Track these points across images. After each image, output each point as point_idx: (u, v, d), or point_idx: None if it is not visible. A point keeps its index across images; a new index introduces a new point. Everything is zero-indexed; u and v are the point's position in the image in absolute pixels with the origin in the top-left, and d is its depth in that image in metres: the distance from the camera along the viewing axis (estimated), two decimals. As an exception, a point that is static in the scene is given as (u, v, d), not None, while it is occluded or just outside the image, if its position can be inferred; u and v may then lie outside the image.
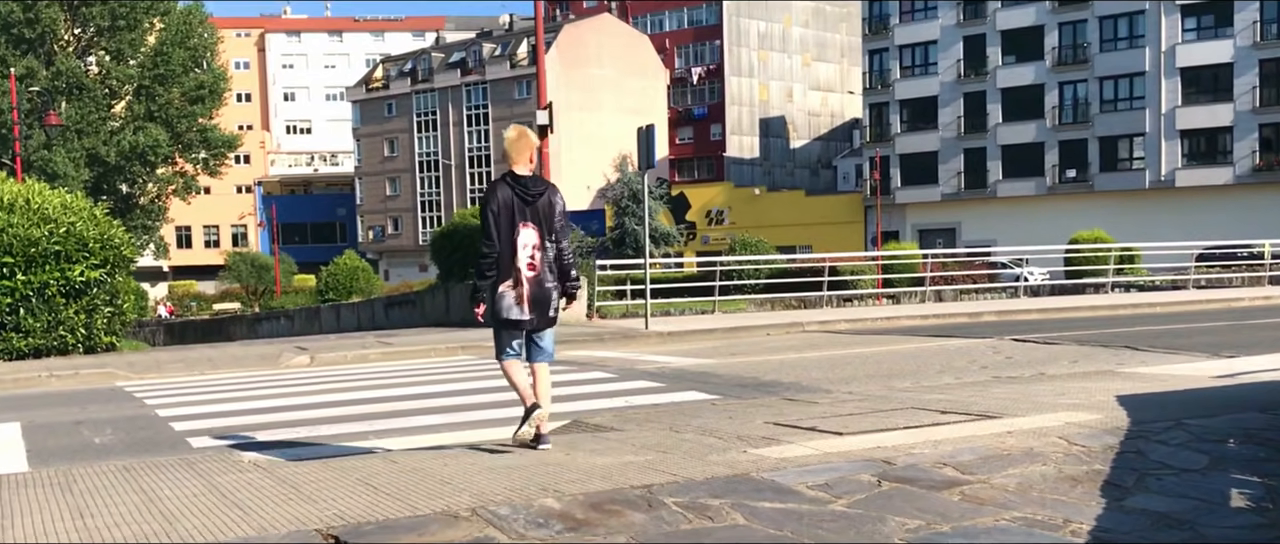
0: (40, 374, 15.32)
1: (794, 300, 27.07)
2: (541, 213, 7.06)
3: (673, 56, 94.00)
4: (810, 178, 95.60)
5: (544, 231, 7.06)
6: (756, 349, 16.55)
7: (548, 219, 7.08)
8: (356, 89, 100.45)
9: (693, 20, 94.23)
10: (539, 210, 7.05)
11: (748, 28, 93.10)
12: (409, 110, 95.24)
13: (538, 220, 7.05)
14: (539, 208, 7.05)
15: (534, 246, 7.03)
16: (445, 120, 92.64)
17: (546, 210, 7.07)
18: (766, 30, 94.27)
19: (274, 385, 13.56)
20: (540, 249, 7.06)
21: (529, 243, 7.02)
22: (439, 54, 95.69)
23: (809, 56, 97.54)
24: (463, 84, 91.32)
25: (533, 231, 7.03)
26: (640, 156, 20.27)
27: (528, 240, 7.02)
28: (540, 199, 7.05)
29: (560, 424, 8.96)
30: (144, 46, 59.88)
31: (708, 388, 11.44)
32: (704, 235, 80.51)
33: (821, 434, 7.56)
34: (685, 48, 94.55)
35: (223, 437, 9.33)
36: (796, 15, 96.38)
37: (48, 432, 10.15)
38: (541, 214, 7.06)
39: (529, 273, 7.03)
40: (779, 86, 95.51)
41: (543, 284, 7.08)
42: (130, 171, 59.94)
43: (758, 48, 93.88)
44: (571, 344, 17.88)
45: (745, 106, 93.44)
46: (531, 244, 7.02)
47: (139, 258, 23.58)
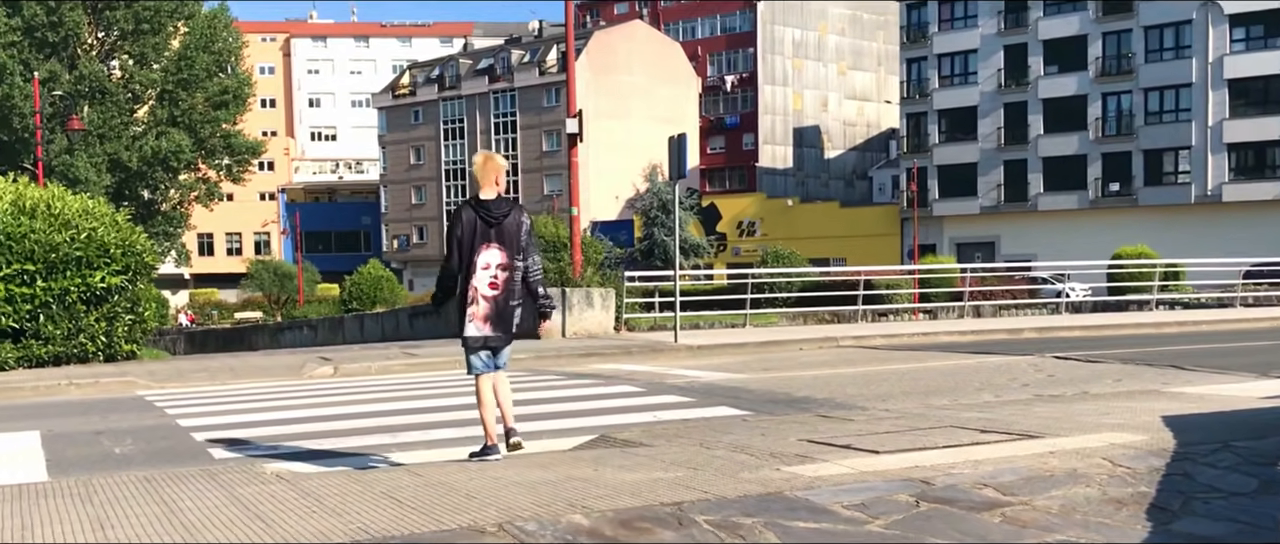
0: (60, 382, 15.44)
1: (828, 314, 26.98)
2: (507, 233, 7.45)
3: (705, 64, 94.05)
4: (845, 189, 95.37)
5: (511, 252, 7.45)
6: (789, 364, 16.48)
7: (514, 239, 7.46)
8: (382, 95, 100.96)
9: (726, 27, 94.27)
10: (505, 231, 7.45)
11: (782, 35, 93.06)
12: (436, 117, 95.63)
13: (503, 241, 7.45)
14: (505, 229, 7.45)
15: (498, 266, 7.46)
16: (472, 128, 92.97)
17: (513, 231, 7.45)
18: (801, 38, 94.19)
19: (297, 396, 13.61)
20: (506, 268, 7.48)
21: (492, 263, 7.44)
22: (467, 60, 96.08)
23: (845, 65, 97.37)
24: (490, 91, 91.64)
25: (498, 252, 7.45)
26: (671, 166, 20.26)
27: (491, 261, 7.44)
28: (505, 220, 7.45)
29: (587, 439, 8.96)
30: (168, 50, 60.40)
31: (739, 403, 11.41)
32: (735, 247, 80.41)
33: (857, 452, 7.51)
34: (718, 55, 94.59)
35: (245, 447, 9.37)
36: (832, 23, 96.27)
37: (67, 441, 10.22)
38: (507, 235, 7.46)
39: (490, 292, 7.46)
40: (814, 95, 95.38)
41: (507, 303, 7.52)
42: (152, 177, 60.40)
43: (792, 56, 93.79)
44: (598, 357, 17.88)
45: (779, 116, 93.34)
46: (495, 264, 7.45)
47: (160, 265, 23.75)
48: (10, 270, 17.46)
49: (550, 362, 17.47)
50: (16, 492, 7.26)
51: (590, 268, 23.98)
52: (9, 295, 17.49)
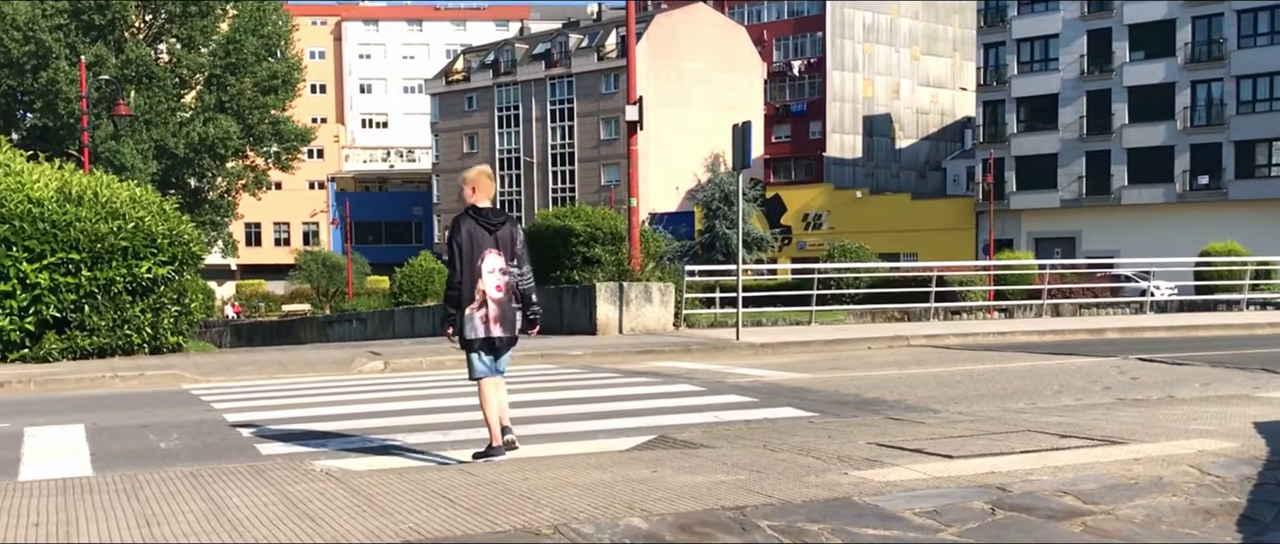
0: (105, 374, 15.69)
1: (897, 312, 26.82)
2: (504, 241, 8.11)
3: (771, 49, 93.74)
4: (917, 180, 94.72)
5: (508, 257, 8.10)
6: (857, 364, 16.41)
7: (510, 246, 8.13)
8: (436, 81, 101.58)
9: (793, 11, 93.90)
10: (501, 239, 8.10)
11: (852, 19, 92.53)
12: (490, 104, 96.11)
13: (501, 247, 8.10)
14: (501, 236, 8.11)
15: (500, 271, 8.08)
16: (528, 115, 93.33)
17: (508, 239, 8.12)
18: (873, 22, 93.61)
19: (346, 391, 13.75)
20: (506, 273, 8.11)
21: (495, 267, 8.07)
22: (523, 45, 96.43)
23: (918, 50, 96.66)
24: (547, 77, 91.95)
25: (498, 256, 8.07)
26: (735, 155, 20.22)
27: (494, 265, 8.06)
28: (501, 229, 8.11)
29: (645, 439, 8.97)
30: (216, 34, 61.18)
31: (804, 404, 11.38)
32: (800, 241, 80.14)
33: (929, 457, 7.47)
34: (784, 40, 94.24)
35: (293, 443, 9.48)
36: (905, 6, 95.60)
37: (112, 435, 10.40)
38: (504, 242, 8.11)
39: (496, 294, 8.07)
40: (885, 82, 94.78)
41: (510, 304, 8.15)
42: (199, 165, 61.26)
43: (863, 40, 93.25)
44: (656, 355, 17.89)
45: (848, 103, 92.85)
46: (498, 268, 8.08)
47: (207, 255, 24.07)
48: (55, 259, 17.78)
49: (607, 358, 17.51)
50: (61, 486, 7.39)
51: (649, 261, 23.99)
52: (53, 285, 17.81)
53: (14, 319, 17.72)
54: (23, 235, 17.66)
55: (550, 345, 19.02)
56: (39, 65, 55.83)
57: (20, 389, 14.98)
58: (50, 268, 17.78)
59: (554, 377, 15.14)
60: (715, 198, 59.11)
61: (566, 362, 17.34)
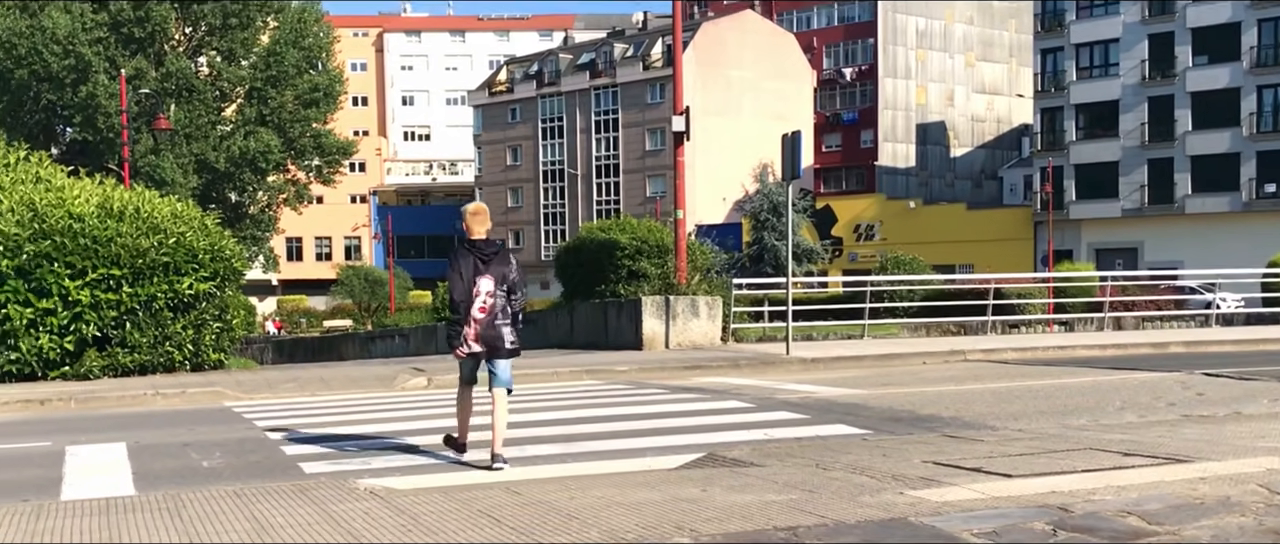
0: (146, 392, 15.86)
1: (953, 325, 26.66)
2: (494, 269, 9.18)
3: (821, 56, 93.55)
4: (972, 190, 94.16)
5: (498, 282, 9.16)
6: (911, 379, 16.33)
7: (501, 274, 9.18)
8: (479, 93, 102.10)
9: (844, 17, 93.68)
10: (492, 268, 9.18)
11: (905, 25, 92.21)
12: (534, 115, 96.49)
13: (494, 276, 9.17)
14: (493, 266, 9.19)
15: (488, 294, 9.15)
16: (572, 126, 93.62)
17: (499, 267, 9.19)
18: (926, 27, 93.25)
19: (390, 408, 13.83)
20: (494, 296, 9.16)
21: (484, 291, 9.14)
22: (567, 55, 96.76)
23: (973, 56, 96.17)
24: (591, 87, 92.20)
25: (489, 281, 9.15)
26: (784, 165, 20.19)
27: (483, 289, 9.13)
28: (494, 259, 9.23)
29: (693, 457, 8.97)
30: (256, 46, 61.74)
31: (857, 421, 11.34)
32: (851, 252, 79.85)
33: (988, 475, 7.43)
34: (835, 47, 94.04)
35: (336, 462, 9.55)
36: (959, 11, 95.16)
37: (154, 453, 10.51)
38: (494, 271, 9.17)
39: (480, 315, 9.13)
40: (939, 89, 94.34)
41: (493, 324, 9.14)
42: (240, 179, 61.81)
43: (916, 47, 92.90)
44: (704, 370, 17.88)
45: (900, 111, 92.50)
46: (486, 292, 9.15)
47: (248, 270, 24.31)
48: (96, 275, 17.98)
49: (653, 374, 17.51)
50: (103, 505, 7.49)
51: (696, 274, 23.98)
52: (95, 301, 18.02)
53: (55, 337, 17.93)
54: (64, 251, 17.87)
55: (595, 361, 19.04)
56: (78, 79, 56.54)
57: (61, 407, 15.17)
58: (91, 284, 17.98)
59: (599, 393, 15.16)
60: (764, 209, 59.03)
61: (612, 377, 17.35)
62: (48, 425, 13.20)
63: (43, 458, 10.44)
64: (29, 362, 17.93)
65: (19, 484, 9.06)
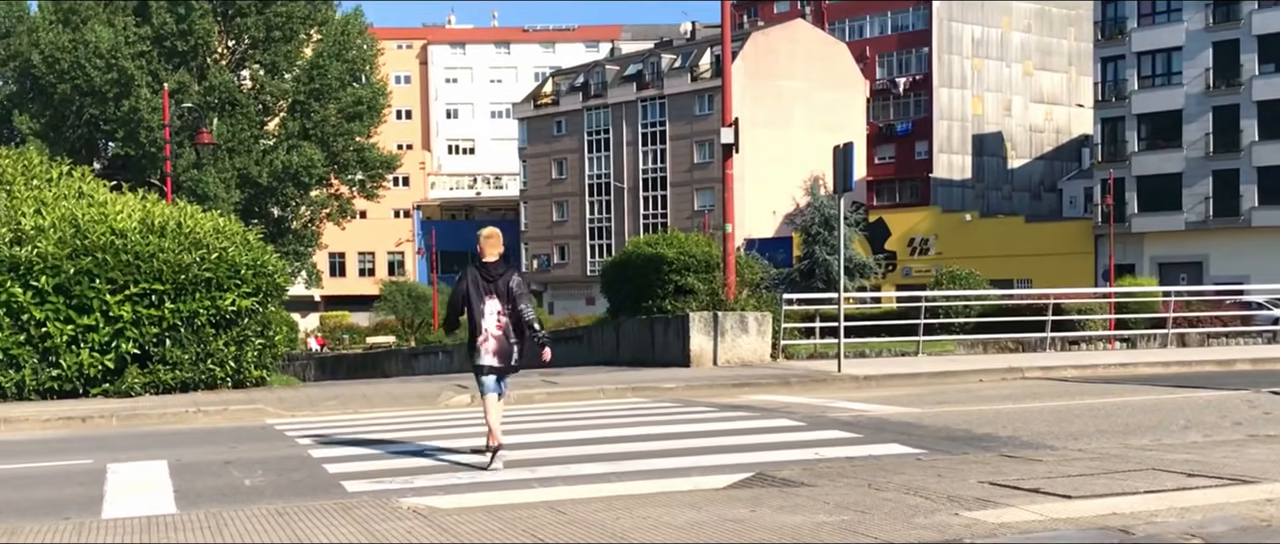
0: (187, 409, 16.02)
1: (1010, 342, 26.46)
2: (500, 290, 10.45)
3: (874, 66, 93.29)
4: (1030, 202, 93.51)
5: (504, 302, 10.42)
6: (967, 397, 16.23)
7: (505, 293, 10.43)
8: (524, 105, 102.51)
9: (897, 25, 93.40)
10: (498, 288, 10.44)
11: (960, 33, 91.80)
12: (579, 128, 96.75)
13: (499, 294, 10.43)
14: (498, 286, 10.45)
15: (498, 313, 10.45)
16: (618, 139, 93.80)
17: (505, 288, 10.45)
18: (982, 36, 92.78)
19: (433, 426, 13.90)
20: (503, 314, 10.46)
21: (494, 310, 10.44)
22: (613, 67, 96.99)
23: (1031, 65, 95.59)
24: (638, 99, 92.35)
25: (498, 302, 10.43)
26: (836, 178, 20.13)
27: (492, 309, 10.44)
28: (500, 280, 10.48)
29: (741, 477, 8.96)
30: (300, 59, 62.24)
31: (911, 440, 11.29)
32: (905, 267, 79.47)
33: (1046, 497, 7.37)
34: (888, 56, 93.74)
35: (380, 480, 9.61)
36: (1016, 19, 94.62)
37: (196, 471, 10.62)
38: (500, 291, 10.45)
39: (496, 332, 10.43)
40: (995, 99, 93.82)
41: (506, 340, 10.47)
42: (283, 193, 62.31)
43: (971, 55, 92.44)
44: (753, 387, 17.85)
45: (956, 121, 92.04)
46: (496, 311, 10.44)
47: (291, 286, 24.49)
48: (138, 291, 18.18)
49: (701, 392, 17.50)
50: (145, 524, 7.57)
51: (745, 290, 23.93)
52: (136, 317, 18.22)
53: (96, 353, 18.14)
54: (106, 267, 18.08)
55: (641, 378, 19.05)
56: (121, 93, 57.23)
57: (102, 424, 15.35)
58: (133, 300, 18.18)
59: (645, 410, 15.16)
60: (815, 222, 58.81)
61: (659, 395, 17.36)
62: (89, 443, 13.36)
63: (84, 475, 10.57)
64: (70, 378, 18.17)
65: (60, 502, 9.17)
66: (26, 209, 18.94)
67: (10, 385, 17.97)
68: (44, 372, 18.07)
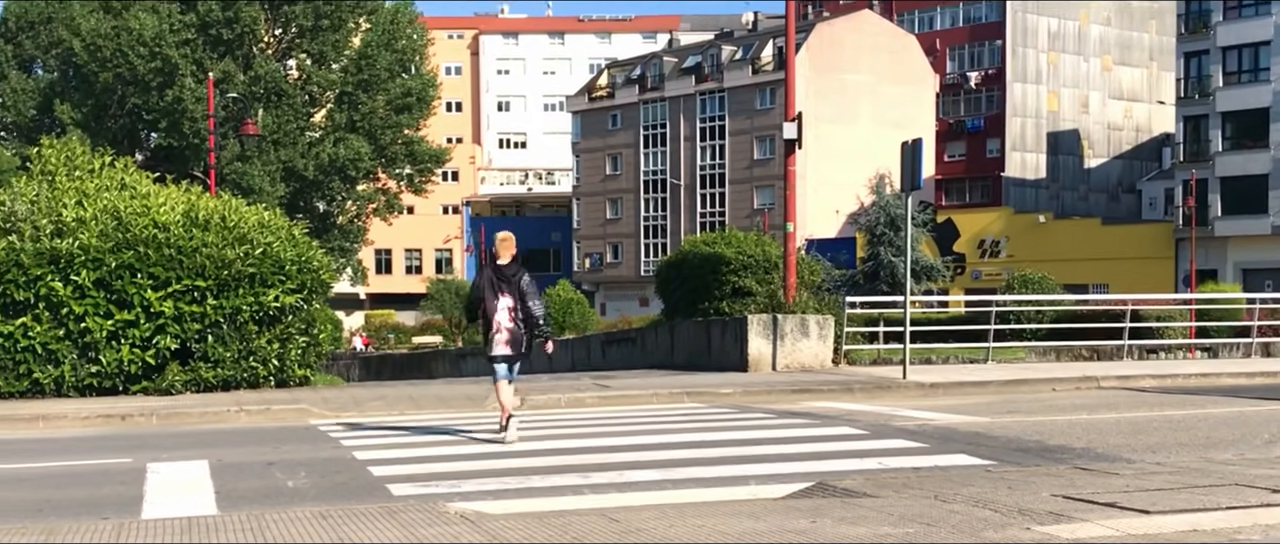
0: (229, 408, 16.20)
1: (1085, 350, 26.23)
2: (512, 287, 12.76)
3: (944, 59, 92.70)
4: (1108, 204, 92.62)
5: (516, 298, 12.74)
6: (1039, 407, 16.12)
7: (516, 290, 12.75)
8: (578, 98, 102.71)
9: (969, 17, 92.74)
10: (510, 286, 12.77)
11: (1036, 25, 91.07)
12: (635, 122, 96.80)
13: (511, 292, 12.76)
14: (510, 285, 12.77)
15: (509, 309, 12.77)
16: (676, 134, 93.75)
17: (515, 286, 12.76)
18: (1058, 29, 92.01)
19: (481, 429, 13.96)
20: (514, 310, 12.77)
21: (506, 307, 12.76)
22: (671, 58, 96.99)
23: (1109, 59, 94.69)
24: (697, 92, 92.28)
25: (509, 299, 12.76)
26: (903, 176, 20.04)
27: (505, 305, 12.76)
28: (512, 278, 12.79)
29: (801, 486, 8.94)
30: (348, 49, 62.53)
31: (980, 451, 11.22)
32: (975, 270, 78.93)
33: (1123, 511, 7.30)
34: (959, 49, 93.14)
35: (426, 484, 9.67)
36: (1095, 11, 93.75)
37: (237, 472, 10.72)
38: (512, 288, 12.76)
39: (509, 325, 12.77)
40: (1072, 95, 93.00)
41: (517, 332, 12.83)
42: (329, 187, 62.69)
43: (1047, 49, 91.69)
44: (814, 393, 17.81)
45: (1030, 118, 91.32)
46: (508, 307, 12.76)
47: (336, 283, 24.70)
48: (180, 286, 18.38)
49: (759, 398, 17.47)
50: (185, 525, 7.66)
51: (805, 292, 23.85)
52: (178, 313, 18.41)
53: (136, 349, 18.35)
54: (147, 262, 18.29)
55: (697, 383, 19.05)
56: (165, 83, 57.74)
57: (142, 423, 15.54)
58: (175, 296, 18.38)
59: (701, 416, 15.16)
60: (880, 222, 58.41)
61: (715, 400, 17.35)
62: (128, 441, 13.53)
63: (123, 475, 10.70)
64: (110, 375, 18.40)
65: (99, 501, 9.29)
66: (68, 200, 19.20)
67: (49, 381, 18.25)
68: (83, 368, 18.32)
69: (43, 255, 18.11)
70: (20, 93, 65.31)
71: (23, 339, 18.07)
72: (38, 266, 18.04)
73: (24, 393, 18.19)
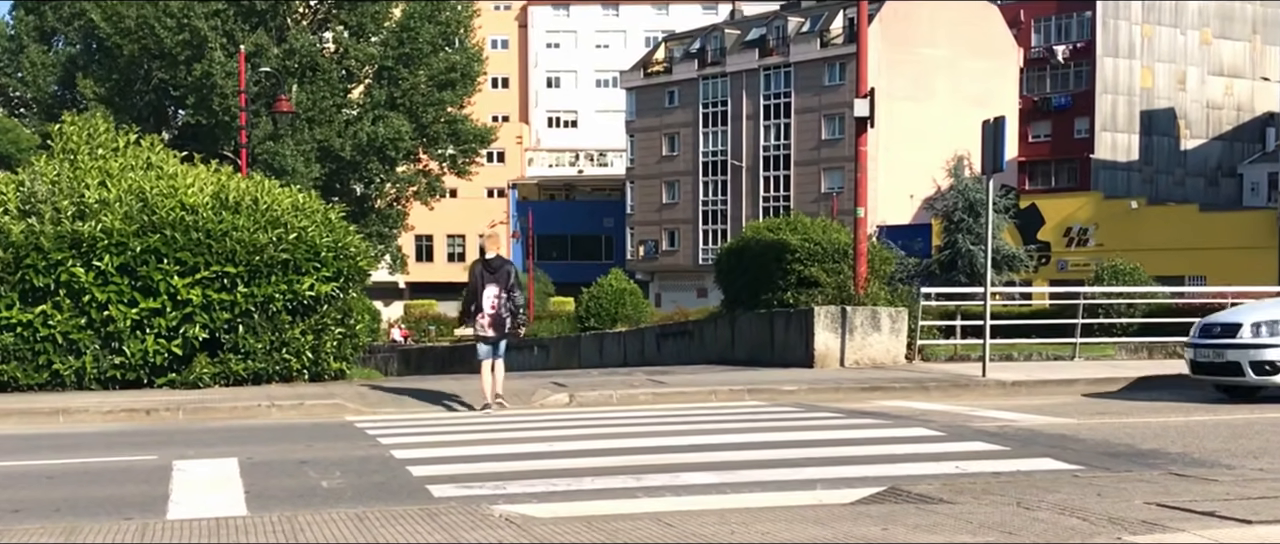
0: (261, 403, 16.33)
1: (1181, 347, 25.95)
2: (499, 278, 16.03)
3: (1028, 32, 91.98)
4: (1206, 189, 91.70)
5: (501, 287, 15.96)
6: (1130, 408, 16.00)
7: (504, 282, 16.01)
8: (633, 73, 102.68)
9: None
10: (498, 276, 16.03)
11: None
12: (694, 99, 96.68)
13: (498, 282, 16.00)
14: (498, 276, 16.03)
15: (494, 297, 15.97)
16: (737, 112, 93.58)
17: (502, 277, 16.04)
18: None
19: (527, 427, 14.01)
20: (499, 298, 15.97)
21: (491, 295, 15.97)
22: (733, 31, 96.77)
23: (1209, 32, 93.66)
24: (760, 67, 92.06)
25: (495, 287, 16.00)
26: (984, 158, 19.93)
27: (491, 293, 15.97)
28: (499, 271, 16.06)
29: (872, 491, 8.90)
30: (388, 20, 62.54)
31: (1066, 455, 11.14)
32: (1060, 260, 78.38)
33: (1222, 521, 7.23)
34: (1045, 21, 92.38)
35: (468, 485, 9.70)
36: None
37: (268, 470, 10.80)
38: (499, 279, 16.03)
39: (490, 311, 15.96)
40: (1167, 70, 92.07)
41: (500, 316, 16.00)
42: (366, 168, 62.82)
43: (1141, 21, 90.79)
44: (885, 392, 17.76)
45: (1121, 96, 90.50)
46: (495, 295, 15.98)
47: (374, 271, 24.81)
48: (209, 273, 18.46)
49: (826, 396, 17.43)
50: (214, 526, 7.73)
51: (877, 282, 23.76)
52: (206, 302, 18.49)
53: (162, 339, 18.47)
54: (174, 246, 18.37)
55: (760, 379, 19.02)
56: (193, 56, 57.90)
57: (168, 418, 15.70)
58: (203, 283, 18.45)
59: (764, 415, 15.14)
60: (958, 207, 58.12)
61: (778, 398, 17.32)
62: (154, 437, 13.66)
63: (148, 473, 10.81)
64: (134, 366, 18.52)
65: (122, 501, 9.39)
66: (90, 181, 19.27)
67: (69, 373, 18.38)
68: (106, 359, 18.46)
69: (64, 239, 18.23)
70: (40, 66, 65.81)
71: (42, 328, 18.20)
72: (58, 251, 18.16)
73: (43, 385, 18.34)
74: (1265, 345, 16.01)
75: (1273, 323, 16.15)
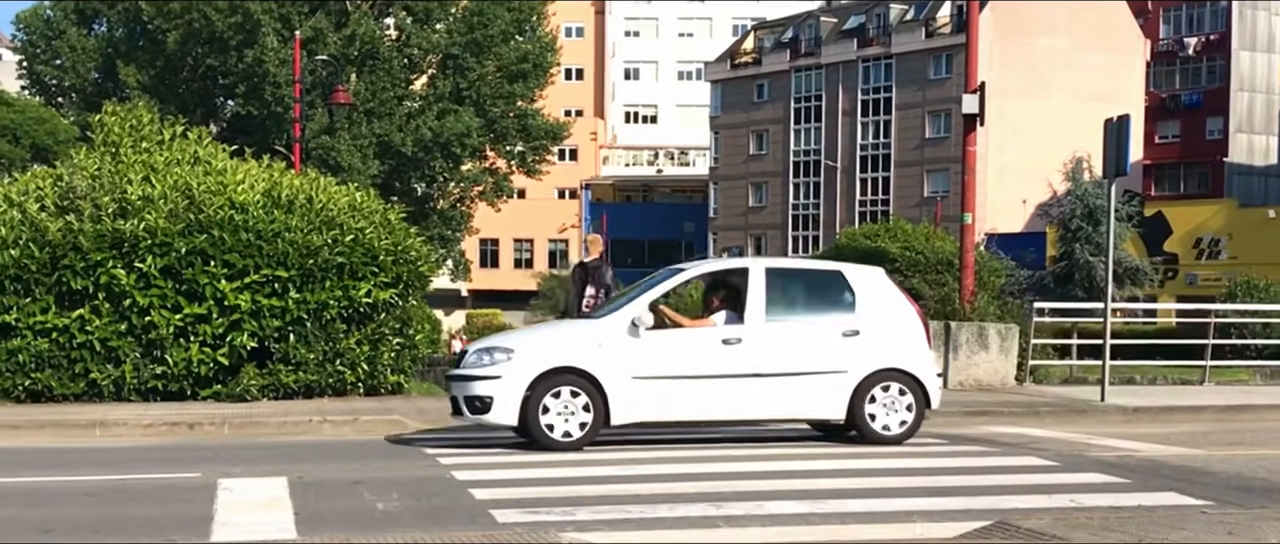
0: (312, 418, 16.45)
1: (1324, 372, 25.64)
2: (594, 279, 19.09)
3: (1156, 22, 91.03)
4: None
5: (598, 288, 18.84)
6: (1266, 438, 15.87)
7: (599, 282, 19.02)
8: (718, 65, 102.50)
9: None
10: (593, 278, 19.10)
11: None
12: (785, 93, 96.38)
13: (593, 283, 19.00)
14: (594, 277, 19.11)
15: (591, 296, 18.74)
16: (832, 107, 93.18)
17: (597, 279, 19.08)
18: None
19: (600, 448, 14.01)
20: (595, 298, 18.59)
21: (588, 294, 18.84)
22: (829, 19, 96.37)
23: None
24: (859, 59, 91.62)
25: (592, 288, 18.87)
26: (1106, 160, 19.77)
27: (587, 293, 18.86)
28: (594, 273, 19.19)
29: (978, 525, 8.87)
30: (455, 6, 62.54)
31: (1193, 489, 11.04)
32: (1189, 273, 77.45)
33: (1365, 565, 7.12)
34: (1175, 11, 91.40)
35: (534, 510, 9.72)
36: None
37: (320, 491, 10.89)
38: (594, 279, 19.08)
39: (587, 309, 18.10)
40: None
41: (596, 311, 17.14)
42: (429, 166, 62.83)
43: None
44: (993, 416, 17.71)
45: (1259, 94, 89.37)
46: (590, 295, 18.80)
47: (435, 277, 24.92)
48: (259, 277, 18.56)
49: (927, 420, 17.33)
50: (260, 549, 7.79)
51: (985, 296, 23.63)
52: (255, 308, 18.58)
53: (207, 348, 18.58)
54: (222, 247, 18.47)
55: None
56: (244, 42, 58.04)
57: (213, 432, 15.86)
58: (252, 287, 18.53)
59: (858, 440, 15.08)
60: (1076, 214, 57.59)
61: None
62: (198, 453, 13.81)
63: (191, 491, 10.93)
64: (177, 376, 18.58)
65: (163, 521, 9.50)
66: (133, 175, 19.28)
67: (108, 383, 18.52)
68: (147, 368, 18.57)
69: (104, 238, 18.36)
70: (80, 52, 66.20)
71: (80, 334, 18.35)
72: (98, 251, 18.28)
73: (80, 395, 18.53)
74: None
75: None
